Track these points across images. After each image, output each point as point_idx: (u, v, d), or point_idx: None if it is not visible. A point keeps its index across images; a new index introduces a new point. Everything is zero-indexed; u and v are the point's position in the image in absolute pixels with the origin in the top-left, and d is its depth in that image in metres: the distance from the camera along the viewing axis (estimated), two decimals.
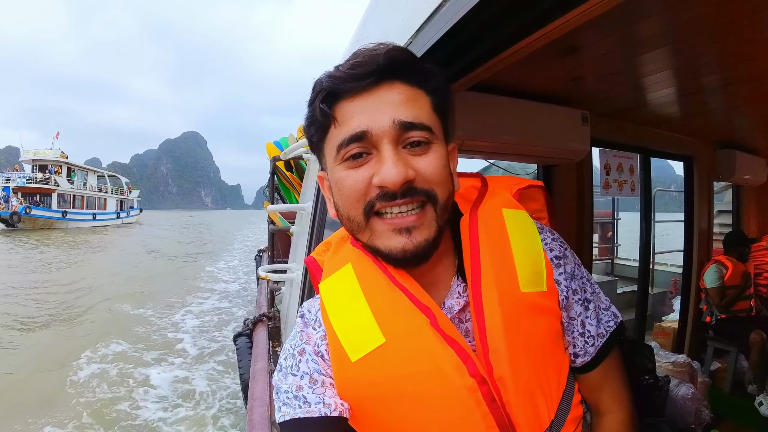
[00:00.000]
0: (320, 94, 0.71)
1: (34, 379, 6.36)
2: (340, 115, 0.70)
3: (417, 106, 0.70)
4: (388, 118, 0.67)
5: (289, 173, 4.75)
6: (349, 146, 0.69)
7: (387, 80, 0.69)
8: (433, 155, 0.70)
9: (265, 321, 3.53)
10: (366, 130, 0.68)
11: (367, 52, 0.70)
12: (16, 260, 17.82)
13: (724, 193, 5.00)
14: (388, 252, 0.71)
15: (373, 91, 0.69)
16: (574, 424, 0.75)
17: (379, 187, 0.67)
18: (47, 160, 42.39)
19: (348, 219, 0.73)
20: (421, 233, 0.69)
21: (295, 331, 0.81)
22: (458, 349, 0.69)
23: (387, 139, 0.67)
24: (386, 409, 0.71)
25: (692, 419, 2.37)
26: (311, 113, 0.74)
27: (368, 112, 0.68)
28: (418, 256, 0.70)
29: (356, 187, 0.69)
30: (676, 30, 1.58)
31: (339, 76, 0.69)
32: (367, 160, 0.69)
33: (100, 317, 9.41)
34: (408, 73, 0.71)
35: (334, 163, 0.72)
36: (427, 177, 0.69)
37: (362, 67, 0.68)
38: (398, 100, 0.69)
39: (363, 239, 0.74)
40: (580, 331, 0.79)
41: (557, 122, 2.10)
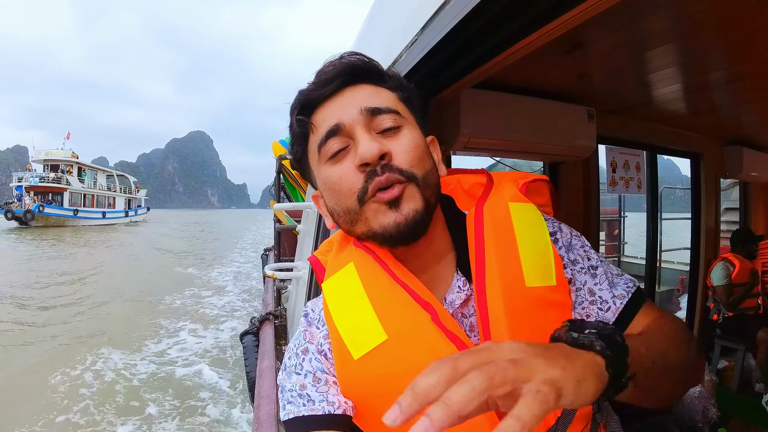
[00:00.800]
0: (295, 110, 0.77)
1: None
2: (315, 121, 0.75)
3: (382, 96, 0.75)
4: (356, 109, 0.72)
5: (295, 172, 4.74)
6: (327, 143, 0.73)
7: (351, 84, 0.75)
8: (406, 137, 0.73)
9: (272, 319, 3.54)
10: (338, 122, 0.72)
11: (327, 63, 0.77)
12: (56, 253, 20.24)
13: (731, 191, 4.97)
14: (382, 230, 0.72)
15: (340, 94, 0.75)
16: (583, 422, 0.74)
17: (361, 168, 0.70)
18: (58, 159, 44.40)
19: (345, 212, 0.74)
20: (409, 204, 0.70)
21: (299, 331, 0.82)
22: (460, 345, 0.69)
23: (359, 127, 0.71)
24: (389, 405, 0.71)
25: (699, 417, 2.36)
26: (291, 131, 0.80)
27: (338, 110, 0.73)
28: (411, 228, 0.71)
29: (344, 177, 0.72)
30: (682, 25, 1.57)
31: (308, 89, 0.76)
32: (347, 152, 0.72)
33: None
34: (368, 75, 0.76)
35: (318, 166, 0.76)
36: (401, 155, 0.71)
37: (326, 74, 0.75)
38: (364, 95, 0.74)
39: (362, 228, 0.75)
40: (590, 299, 0.76)
41: (563, 119, 2.10)
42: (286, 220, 4.53)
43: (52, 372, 6.64)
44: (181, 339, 8.47)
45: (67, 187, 42.28)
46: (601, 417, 0.83)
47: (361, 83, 0.76)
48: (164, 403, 5.92)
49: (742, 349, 3.55)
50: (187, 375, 6.83)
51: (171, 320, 9.62)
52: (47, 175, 42.19)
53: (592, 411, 0.76)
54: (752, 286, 3.75)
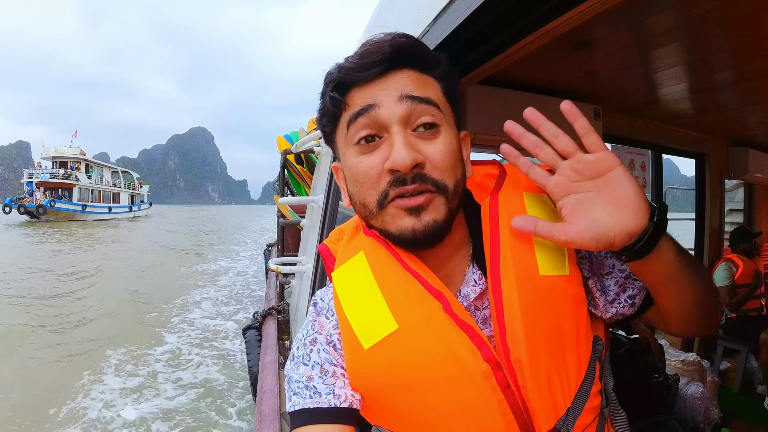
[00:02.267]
0: (330, 84, 0.73)
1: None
2: (351, 100, 0.71)
3: (426, 86, 0.72)
4: (395, 95, 0.69)
5: (299, 167, 4.76)
6: (357, 121, 0.70)
7: (395, 68, 0.71)
8: (443, 140, 0.70)
9: (275, 314, 3.55)
10: (372, 103, 0.69)
11: (374, 42, 0.71)
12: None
13: (735, 192, 4.96)
14: (399, 233, 0.71)
15: (382, 79, 0.70)
16: (592, 415, 0.74)
17: (390, 171, 0.68)
18: (67, 157, 46.80)
19: (362, 205, 0.73)
20: (430, 214, 0.69)
21: (308, 320, 0.82)
22: (472, 335, 0.69)
23: (395, 120, 0.68)
24: (399, 396, 0.71)
25: (701, 418, 2.36)
26: (323, 104, 0.76)
27: (377, 92, 0.70)
28: (428, 236, 0.70)
29: (369, 173, 0.70)
30: (690, 25, 1.57)
31: (348, 67, 0.71)
32: (378, 145, 0.70)
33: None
34: (415, 60, 0.72)
35: (345, 147, 0.73)
36: (437, 163, 0.69)
37: (370, 56, 0.70)
38: (406, 81, 0.70)
39: (376, 224, 0.74)
40: (623, 275, 0.78)
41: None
42: (290, 215, 4.53)
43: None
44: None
45: (75, 183, 44.15)
46: (608, 411, 0.83)
47: (406, 68, 0.72)
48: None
49: (745, 350, 3.54)
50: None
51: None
52: (57, 172, 44.14)
53: (600, 405, 0.77)
54: (756, 287, 3.74)
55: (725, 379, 3.55)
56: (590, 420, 0.73)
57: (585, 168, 0.67)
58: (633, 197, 0.64)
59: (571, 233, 0.66)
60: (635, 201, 0.64)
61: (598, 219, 0.65)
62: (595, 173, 0.67)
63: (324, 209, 2.30)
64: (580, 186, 0.68)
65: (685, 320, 0.77)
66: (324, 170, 2.63)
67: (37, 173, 44.44)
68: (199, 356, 7.15)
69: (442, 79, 0.75)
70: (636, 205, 0.64)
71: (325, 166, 2.64)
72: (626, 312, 0.79)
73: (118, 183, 53.49)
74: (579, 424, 0.71)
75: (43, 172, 44.44)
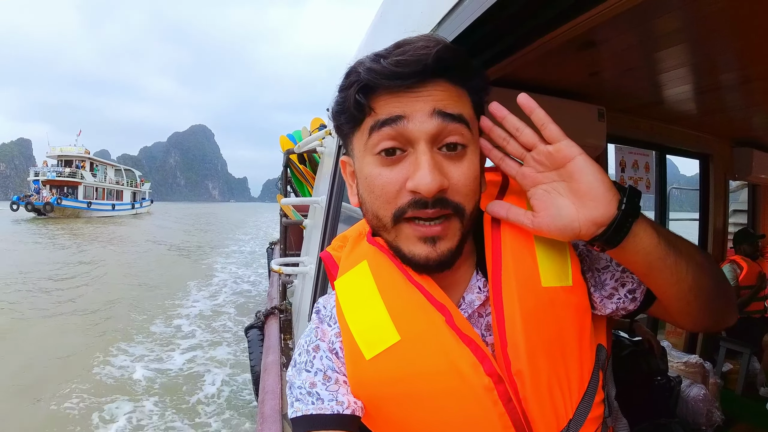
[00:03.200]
0: (356, 85, 0.68)
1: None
2: (377, 105, 0.67)
3: (459, 101, 0.68)
4: (428, 108, 0.65)
5: (302, 166, 4.76)
6: (381, 130, 0.66)
7: (431, 78, 0.66)
8: (468, 163, 0.68)
9: (277, 314, 3.56)
10: (402, 115, 0.65)
11: (414, 49, 0.66)
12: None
13: (739, 192, 4.94)
14: (410, 257, 0.70)
15: (415, 89, 0.66)
16: (595, 425, 0.73)
17: (412, 192, 0.66)
18: (72, 155, 48.33)
19: (375, 216, 0.72)
20: (446, 243, 0.68)
21: (311, 327, 0.81)
22: (474, 348, 0.68)
23: (424, 137, 0.65)
24: (400, 407, 0.71)
25: (703, 420, 2.35)
26: (343, 101, 0.71)
27: (407, 103, 0.66)
28: (441, 265, 0.69)
29: (388, 189, 0.67)
30: (695, 26, 1.56)
31: (380, 71, 0.65)
32: (401, 159, 0.67)
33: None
34: (453, 72, 0.68)
35: (364, 153, 0.70)
36: (459, 188, 0.67)
37: (408, 66, 0.64)
38: (441, 96, 0.66)
39: (388, 238, 0.73)
40: (621, 269, 0.77)
41: (573, 117, 2.09)
42: (293, 214, 4.53)
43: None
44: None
45: (81, 181, 45.68)
46: (611, 421, 0.83)
47: (442, 78, 0.67)
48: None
49: (748, 352, 3.53)
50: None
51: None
52: (63, 170, 45.73)
53: (603, 415, 0.76)
54: (759, 289, 3.73)
55: (728, 381, 3.54)
56: (592, 430, 0.73)
57: (546, 159, 0.68)
58: (595, 185, 0.65)
59: (537, 222, 0.68)
60: (598, 189, 0.64)
61: (563, 208, 0.66)
62: (557, 163, 0.67)
63: (327, 209, 2.30)
64: (546, 177, 0.69)
65: (686, 313, 0.74)
66: (327, 170, 2.62)
67: (44, 171, 45.83)
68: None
69: (475, 92, 0.72)
70: (599, 193, 0.64)
71: (327, 167, 2.64)
72: (628, 307, 0.78)
73: (120, 181, 54.89)
74: None
75: (49, 170, 45.77)
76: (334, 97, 0.74)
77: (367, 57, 0.69)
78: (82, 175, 46.28)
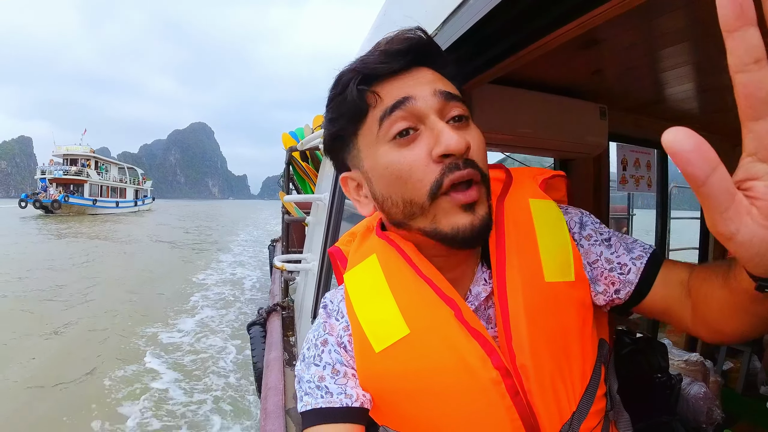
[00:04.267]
0: (354, 79, 0.70)
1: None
2: (382, 92, 0.69)
3: (448, 84, 0.72)
4: (429, 88, 0.68)
5: (304, 163, 4.77)
6: (392, 114, 0.68)
7: (418, 65, 0.71)
8: (475, 132, 0.71)
9: (279, 310, 3.57)
10: (408, 95, 0.67)
11: (397, 34, 0.71)
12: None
13: None
14: (454, 232, 0.68)
15: (410, 73, 0.70)
16: (597, 418, 0.74)
17: (440, 158, 0.66)
18: (77, 154, 51.35)
19: (407, 203, 0.70)
20: (482, 208, 0.69)
21: (318, 322, 0.82)
22: (483, 342, 0.69)
23: (432, 111, 0.68)
24: (409, 400, 0.72)
25: (703, 418, 2.36)
26: (341, 102, 0.72)
27: (409, 86, 0.69)
28: (482, 233, 0.69)
29: (416, 165, 0.67)
30: (699, 25, 1.56)
31: (374, 59, 0.69)
32: (416, 137, 0.68)
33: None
34: (433, 60, 0.72)
35: (377, 145, 0.70)
36: (476, 152, 0.69)
37: (397, 46, 0.69)
38: (433, 78, 0.70)
39: (423, 224, 0.71)
40: (609, 267, 0.76)
41: (575, 116, 2.09)
42: (295, 211, 4.54)
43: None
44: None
45: (87, 179, 48.21)
46: (613, 414, 0.84)
47: (425, 66, 0.71)
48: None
49: (748, 350, 3.53)
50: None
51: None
52: (69, 169, 48.45)
53: (605, 408, 0.77)
54: None
55: (728, 380, 3.54)
56: (595, 423, 0.74)
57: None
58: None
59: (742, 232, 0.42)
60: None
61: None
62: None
63: (329, 207, 2.31)
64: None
65: (733, 330, 0.63)
66: (329, 168, 2.63)
67: (50, 170, 48.10)
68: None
69: (454, 79, 0.75)
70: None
71: (330, 164, 2.63)
72: (615, 301, 0.78)
73: (123, 179, 57.35)
74: (584, 427, 0.71)
75: (56, 168, 48.33)
76: (326, 112, 0.76)
77: (353, 62, 0.73)
78: (88, 173, 48.54)
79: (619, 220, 6.21)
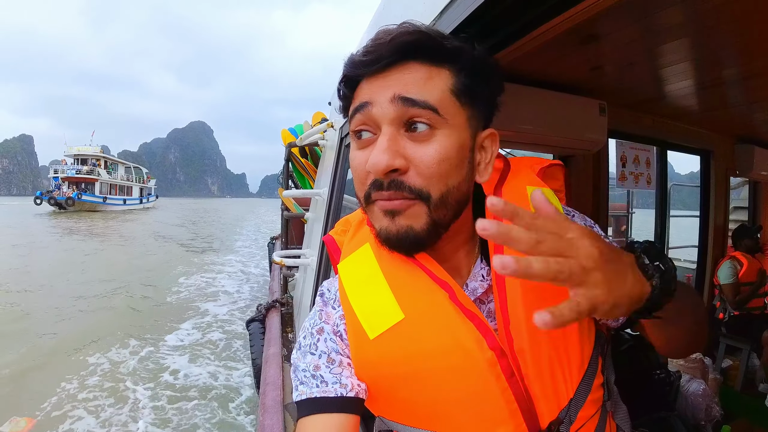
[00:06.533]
0: (341, 80, 0.73)
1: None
2: (356, 95, 0.71)
3: (429, 84, 0.66)
4: (388, 94, 0.65)
5: (304, 159, 4.78)
6: (354, 117, 0.69)
7: (401, 61, 0.67)
8: (437, 145, 0.66)
9: (278, 307, 3.56)
10: (367, 101, 0.67)
11: (380, 36, 0.68)
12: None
13: (740, 189, 4.94)
14: (378, 232, 0.71)
15: (386, 73, 0.67)
16: (594, 407, 0.74)
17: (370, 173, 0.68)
18: (87, 154, 54.09)
19: (358, 198, 0.74)
20: (404, 220, 0.68)
21: (315, 310, 0.82)
22: (478, 323, 0.69)
23: (387, 120, 0.66)
24: (404, 385, 0.71)
25: (702, 416, 2.36)
26: (338, 90, 0.76)
27: (375, 89, 0.67)
28: (401, 242, 0.69)
29: (359, 169, 0.70)
30: (697, 20, 1.56)
31: (355, 61, 0.70)
32: (371, 141, 0.68)
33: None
34: (425, 53, 0.67)
35: (351, 137, 0.73)
36: (422, 170, 0.65)
37: (373, 53, 0.67)
38: (408, 79, 0.66)
39: (369, 218, 0.76)
40: None
41: (575, 112, 2.09)
42: (295, 207, 4.54)
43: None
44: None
45: (98, 178, 50.80)
46: (610, 405, 0.84)
47: (413, 60, 0.67)
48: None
49: (747, 348, 3.53)
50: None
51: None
52: (81, 168, 51.12)
53: (602, 398, 0.77)
54: (760, 286, 3.73)
55: (727, 377, 3.55)
56: (592, 412, 0.74)
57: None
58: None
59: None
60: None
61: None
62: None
63: (328, 202, 2.31)
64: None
65: (670, 348, 0.82)
66: (328, 163, 2.63)
67: (63, 169, 51.16)
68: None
69: (460, 72, 0.69)
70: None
71: (329, 159, 2.64)
72: (610, 324, 0.81)
73: (130, 177, 59.80)
74: (581, 415, 0.71)
75: (68, 168, 51.34)
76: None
77: (349, 55, 0.73)
78: (99, 172, 51.19)
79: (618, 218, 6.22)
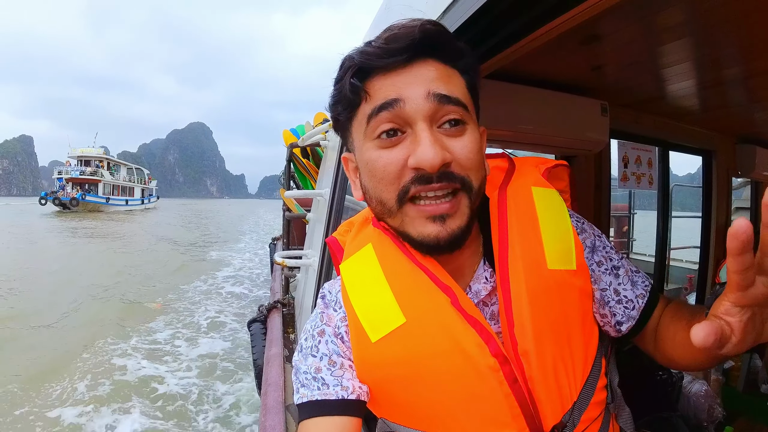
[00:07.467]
0: (350, 69, 0.69)
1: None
2: (371, 89, 0.67)
3: (452, 82, 0.68)
4: (422, 90, 0.65)
5: (305, 160, 4.78)
6: (378, 115, 0.66)
7: (421, 57, 0.67)
8: (469, 137, 0.67)
9: (280, 307, 3.56)
10: (397, 98, 0.65)
11: (402, 27, 0.67)
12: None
13: (741, 190, 4.92)
14: (421, 239, 0.69)
15: (407, 68, 0.66)
16: (598, 409, 0.74)
17: (414, 169, 0.65)
18: (91, 156, 55.61)
19: (379, 202, 0.71)
20: (455, 221, 0.67)
21: (316, 312, 0.82)
22: (480, 329, 0.69)
23: (421, 117, 0.65)
24: (406, 389, 0.71)
25: (704, 416, 2.36)
26: (339, 90, 0.72)
27: (402, 85, 0.66)
28: (452, 244, 0.69)
29: (390, 169, 0.67)
30: (699, 20, 1.55)
31: (372, 52, 0.67)
32: (401, 140, 0.67)
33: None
34: (442, 51, 0.68)
35: (364, 141, 0.70)
36: (463, 162, 0.66)
37: (398, 41, 0.65)
38: (433, 76, 0.66)
39: (393, 224, 0.73)
40: (616, 299, 0.78)
41: (576, 112, 2.08)
42: (296, 208, 4.54)
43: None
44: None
45: (101, 179, 52.37)
46: (614, 407, 0.83)
47: (432, 58, 0.67)
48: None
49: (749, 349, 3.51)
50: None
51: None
52: (84, 169, 52.61)
53: (606, 400, 0.77)
54: None
55: (729, 378, 3.53)
56: (596, 414, 0.74)
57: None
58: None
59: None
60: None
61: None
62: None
63: (330, 203, 2.30)
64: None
65: (671, 364, 0.78)
66: (330, 164, 2.63)
67: (67, 170, 52.72)
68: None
69: (466, 72, 0.71)
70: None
71: (331, 160, 2.64)
72: (611, 333, 0.81)
73: (132, 179, 61.41)
74: (585, 418, 0.71)
75: (73, 169, 52.99)
76: (332, 91, 0.75)
77: (356, 48, 0.70)
78: (102, 173, 52.87)
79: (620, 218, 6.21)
